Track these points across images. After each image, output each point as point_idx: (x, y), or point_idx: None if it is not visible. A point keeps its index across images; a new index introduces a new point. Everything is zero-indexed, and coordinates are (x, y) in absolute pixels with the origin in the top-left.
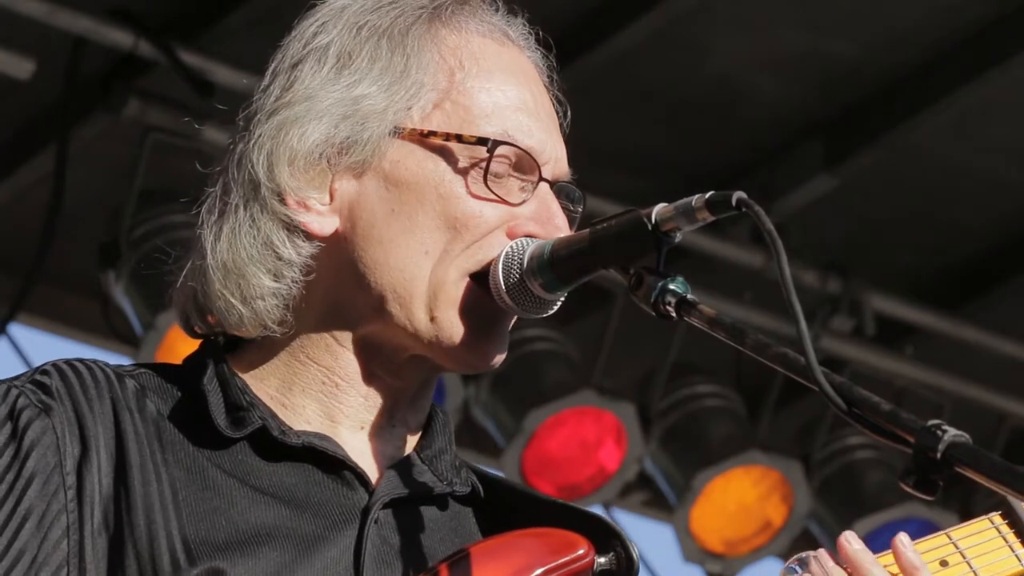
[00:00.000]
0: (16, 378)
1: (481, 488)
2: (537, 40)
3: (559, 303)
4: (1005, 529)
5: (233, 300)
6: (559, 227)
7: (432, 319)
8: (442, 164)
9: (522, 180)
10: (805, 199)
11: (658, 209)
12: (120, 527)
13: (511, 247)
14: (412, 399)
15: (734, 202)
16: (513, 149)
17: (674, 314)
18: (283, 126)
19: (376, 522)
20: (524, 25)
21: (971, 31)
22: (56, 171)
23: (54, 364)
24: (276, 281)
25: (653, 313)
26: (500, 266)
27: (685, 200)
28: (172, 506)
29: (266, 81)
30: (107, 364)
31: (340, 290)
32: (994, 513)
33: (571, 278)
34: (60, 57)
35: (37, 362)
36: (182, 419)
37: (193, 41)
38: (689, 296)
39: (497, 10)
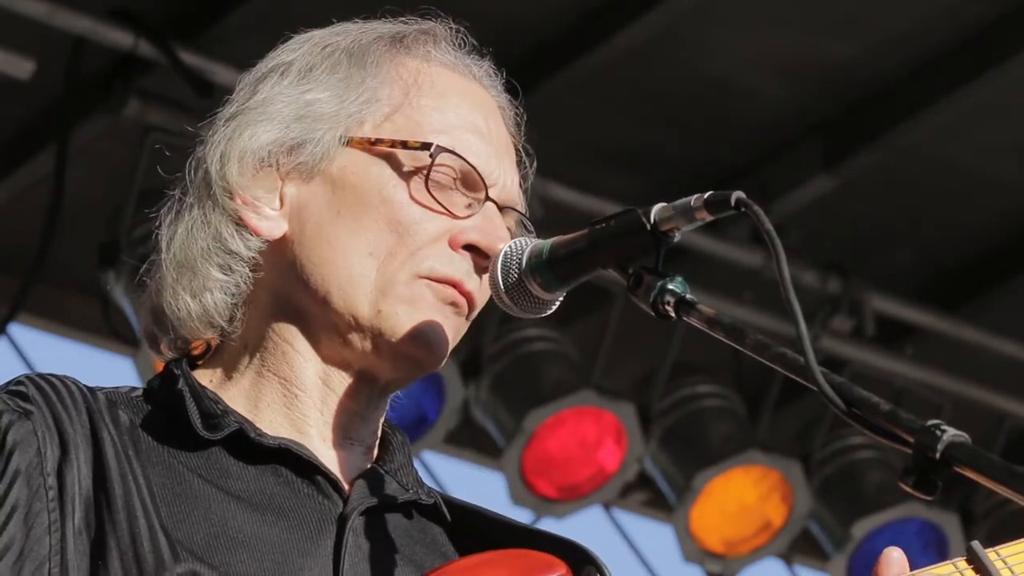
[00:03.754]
0: None
1: (443, 505)
2: (508, 90)
3: (558, 303)
4: (970, 574)
5: (183, 294)
6: (502, 238)
7: (378, 312)
8: (387, 169)
9: (468, 197)
10: (805, 199)
11: (657, 209)
12: (102, 526)
13: (510, 247)
14: (364, 419)
15: (733, 202)
16: (456, 160)
17: (673, 314)
18: (239, 128)
19: (353, 531)
20: (491, 67)
21: (971, 31)
22: (56, 171)
23: (27, 376)
24: (224, 274)
25: (652, 313)
26: (499, 266)
27: (684, 200)
28: (152, 507)
29: (232, 96)
30: (77, 380)
31: (285, 288)
32: (959, 558)
33: (570, 277)
34: (60, 57)
35: (37, 362)
36: (156, 427)
37: (193, 41)
38: (688, 296)
39: (461, 46)
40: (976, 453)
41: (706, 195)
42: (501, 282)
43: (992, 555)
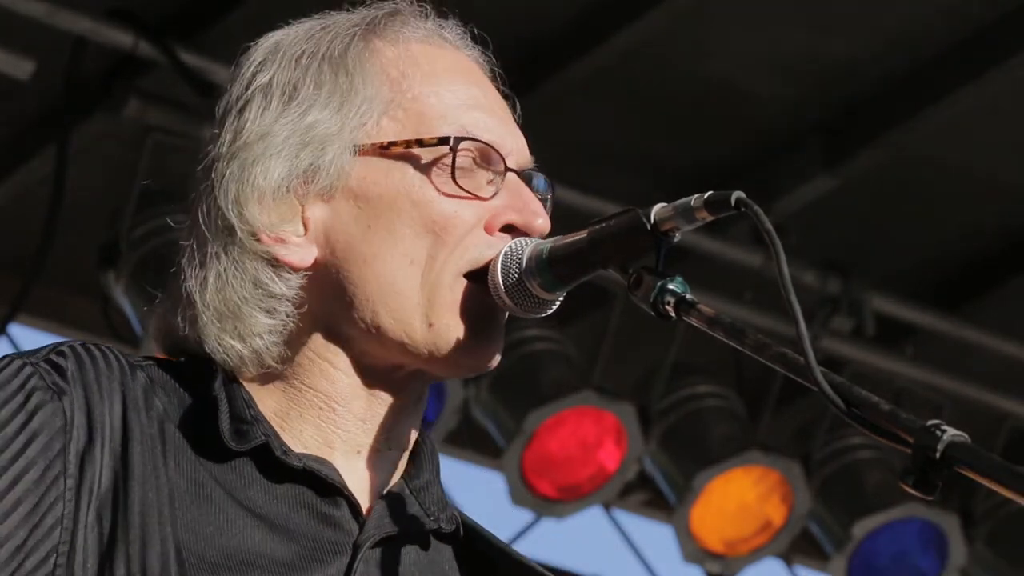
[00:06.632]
0: (32, 353)
1: (462, 528)
2: (473, 38)
3: (558, 303)
4: None
5: (232, 341)
6: (536, 212)
7: (430, 326)
8: (409, 171)
9: (489, 172)
10: (805, 199)
11: (657, 209)
12: (114, 525)
13: (510, 247)
14: (408, 415)
15: (733, 202)
16: (474, 143)
17: (673, 314)
18: (244, 167)
19: (365, 560)
20: (458, 25)
21: (971, 31)
22: (56, 171)
23: (71, 347)
24: (271, 317)
25: (652, 313)
26: (499, 266)
27: (684, 200)
28: (169, 514)
29: (216, 129)
30: (121, 352)
31: (330, 315)
32: None
33: (570, 278)
34: (60, 57)
35: None
36: (187, 423)
37: (193, 41)
38: (688, 296)
39: (428, 16)
40: (976, 453)
41: (706, 195)
42: (501, 282)
43: None
